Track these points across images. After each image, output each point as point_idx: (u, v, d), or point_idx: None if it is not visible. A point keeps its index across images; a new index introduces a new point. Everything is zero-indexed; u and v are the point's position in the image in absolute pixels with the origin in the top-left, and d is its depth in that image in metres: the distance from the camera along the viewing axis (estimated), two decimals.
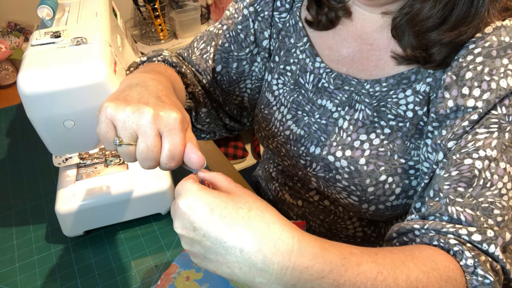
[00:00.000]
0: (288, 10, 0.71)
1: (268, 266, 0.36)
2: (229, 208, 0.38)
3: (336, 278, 0.38)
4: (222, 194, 0.39)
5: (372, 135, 0.62)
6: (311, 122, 0.68)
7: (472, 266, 0.45)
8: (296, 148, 0.69)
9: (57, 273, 0.71)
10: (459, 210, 0.49)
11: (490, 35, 0.53)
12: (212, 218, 0.37)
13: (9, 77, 1.32)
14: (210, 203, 0.38)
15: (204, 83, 0.76)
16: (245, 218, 0.38)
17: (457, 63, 0.54)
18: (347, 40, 0.65)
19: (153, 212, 0.79)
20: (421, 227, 0.50)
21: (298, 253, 0.37)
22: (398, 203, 0.63)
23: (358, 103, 0.63)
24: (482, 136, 0.51)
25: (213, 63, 0.75)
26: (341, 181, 0.65)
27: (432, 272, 0.44)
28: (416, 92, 0.59)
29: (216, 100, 0.79)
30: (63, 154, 0.76)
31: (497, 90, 0.51)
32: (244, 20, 0.73)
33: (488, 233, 0.47)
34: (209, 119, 0.78)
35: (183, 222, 0.39)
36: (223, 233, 0.37)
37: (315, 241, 0.39)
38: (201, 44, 0.77)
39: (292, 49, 0.71)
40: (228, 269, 0.38)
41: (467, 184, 0.50)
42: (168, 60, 0.70)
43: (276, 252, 0.37)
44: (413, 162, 0.60)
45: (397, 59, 0.59)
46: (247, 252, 0.37)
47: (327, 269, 0.38)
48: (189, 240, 0.39)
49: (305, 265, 0.37)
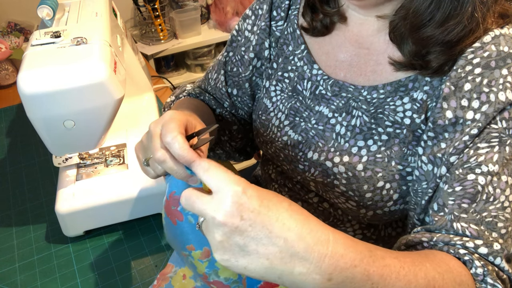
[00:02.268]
0: (284, 18, 0.72)
1: (309, 254, 0.38)
2: (274, 201, 0.40)
3: (366, 268, 0.40)
4: (263, 189, 0.41)
5: (370, 141, 0.62)
6: (308, 128, 0.68)
7: (482, 275, 0.47)
8: (294, 154, 0.70)
9: (57, 273, 0.71)
10: (464, 226, 0.51)
11: (489, 45, 0.53)
12: (261, 208, 0.39)
13: (9, 77, 1.32)
14: (260, 194, 0.40)
15: (225, 106, 0.82)
16: (288, 211, 0.40)
17: (455, 74, 0.54)
18: (344, 45, 0.65)
19: (153, 212, 0.79)
20: (429, 239, 0.52)
21: (334, 242, 0.39)
22: (395, 208, 0.63)
23: (355, 110, 0.63)
24: (484, 151, 0.52)
25: (228, 88, 0.80)
26: (339, 186, 0.65)
27: (447, 274, 0.46)
28: (414, 100, 0.59)
29: (243, 117, 0.84)
30: (63, 154, 0.76)
31: (496, 104, 0.51)
32: (246, 42, 0.75)
33: (494, 246, 0.49)
34: (241, 134, 0.85)
35: (231, 210, 0.38)
36: (270, 223, 0.38)
37: (345, 235, 0.41)
38: (214, 74, 0.82)
39: (290, 56, 0.71)
40: (267, 261, 0.38)
41: (471, 200, 0.52)
42: (192, 93, 0.80)
43: (317, 241, 0.39)
44: (410, 168, 0.60)
45: (394, 65, 0.59)
46: (291, 241, 0.38)
47: (359, 258, 0.40)
48: (231, 230, 0.38)
49: (341, 253, 0.39)
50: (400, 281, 0.42)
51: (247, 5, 1.93)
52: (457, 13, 0.51)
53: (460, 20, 0.52)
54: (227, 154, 0.86)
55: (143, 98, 1.03)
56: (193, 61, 2.10)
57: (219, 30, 2.05)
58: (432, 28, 0.53)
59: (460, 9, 0.51)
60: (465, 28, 0.52)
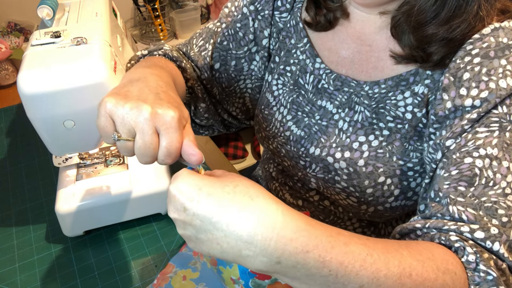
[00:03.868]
0: (289, 10, 0.71)
1: (252, 238, 0.37)
2: (216, 187, 0.39)
3: (321, 254, 0.38)
4: (210, 177, 0.41)
5: (371, 136, 0.62)
6: (311, 123, 0.68)
7: (474, 262, 0.44)
8: (296, 149, 0.70)
9: (57, 273, 0.71)
10: (461, 210, 0.48)
11: (488, 36, 0.53)
12: (199, 196, 0.39)
13: (9, 77, 1.32)
14: (198, 183, 0.39)
15: (202, 78, 0.76)
16: (230, 194, 0.39)
17: (454, 64, 0.54)
18: (346, 41, 0.65)
19: (153, 212, 0.79)
20: (423, 226, 0.50)
21: (282, 225, 0.37)
22: (397, 204, 0.63)
23: (357, 105, 0.63)
24: (483, 135, 0.51)
25: (212, 60, 0.75)
26: (340, 182, 0.65)
27: (428, 262, 0.43)
28: (415, 94, 0.59)
29: (214, 96, 0.79)
30: (63, 154, 0.76)
31: (497, 90, 0.51)
32: (243, 18, 0.73)
33: (491, 231, 0.46)
34: (208, 114, 0.78)
35: (175, 205, 0.40)
36: (210, 209, 0.38)
37: (301, 216, 0.39)
38: (200, 41, 0.77)
39: (293, 49, 0.71)
40: (218, 246, 0.38)
41: (468, 183, 0.49)
42: (169, 54, 0.70)
43: (260, 223, 0.37)
44: (411, 164, 0.60)
45: (395, 58, 0.59)
46: (232, 224, 0.37)
47: (312, 244, 0.38)
48: (182, 222, 0.40)
49: (289, 237, 0.37)
50: (365, 269, 0.39)
51: None
52: (462, 12, 0.51)
53: (465, 18, 0.52)
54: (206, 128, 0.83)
55: None
56: None
57: None
58: (436, 26, 0.53)
59: (465, 7, 0.51)
60: (469, 26, 0.52)
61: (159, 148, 0.45)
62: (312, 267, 0.38)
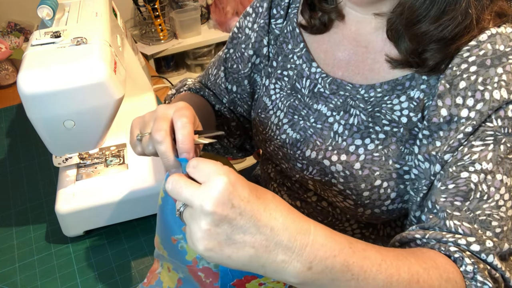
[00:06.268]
0: (284, 17, 0.72)
1: (292, 243, 0.39)
2: (260, 192, 0.41)
3: (346, 258, 0.41)
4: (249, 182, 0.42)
5: (367, 140, 0.62)
6: (306, 126, 0.68)
7: (472, 272, 0.47)
8: (292, 152, 0.70)
9: (57, 273, 0.71)
10: (457, 224, 0.50)
11: (485, 43, 0.53)
12: (250, 197, 0.40)
13: (9, 77, 1.32)
14: (249, 184, 0.41)
15: (224, 102, 0.83)
16: (274, 202, 0.41)
17: (451, 72, 0.54)
18: (342, 43, 0.65)
19: (153, 212, 0.79)
20: (422, 236, 0.52)
21: (315, 232, 0.41)
22: (393, 207, 0.63)
23: (353, 108, 0.63)
24: (478, 149, 0.52)
25: (228, 84, 0.80)
26: (336, 185, 0.65)
27: (433, 270, 0.45)
28: (411, 98, 0.59)
29: (242, 114, 0.84)
30: (63, 154, 0.76)
31: (490, 102, 0.51)
32: (246, 39, 0.76)
33: (487, 244, 0.49)
34: (239, 131, 0.85)
35: (222, 199, 0.38)
36: (259, 212, 0.39)
37: (325, 227, 0.43)
38: (214, 70, 0.83)
39: (290, 54, 0.71)
40: (252, 250, 0.39)
41: (464, 198, 0.51)
42: (192, 88, 0.82)
43: (300, 230, 0.40)
44: (407, 167, 0.60)
45: (391, 63, 0.59)
46: (276, 230, 0.39)
47: (338, 248, 0.41)
48: (220, 218, 0.38)
49: (321, 242, 0.40)
50: (381, 273, 0.42)
51: (246, 5, 1.93)
52: (451, 9, 0.52)
53: (455, 16, 0.52)
54: (225, 149, 0.86)
55: (143, 98, 1.03)
56: (193, 61, 2.10)
57: (219, 30, 2.05)
58: (427, 24, 0.53)
59: (454, 4, 0.51)
60: (459, 24, 0.52)
61: None
62: (338, 271, 0.41)
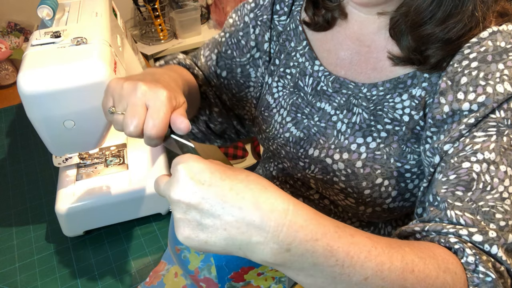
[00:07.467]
0: (287, 14, 0.72)
1: (265, 223, 0.37)
2: (228, 173, 0.39)
3: (329, 243, 0.38)
4: (222, 164, 0.41)
5: (369, 138, 0.62)
6: (310, 125, 0.68)
7: (473, 264, 0.44)
8: (295, 150, 0.70)
9: (57, 273, 0.71)
10: (459, 214, 0.48)
11: (486, 40, 0.53)
12: (211, 180, 0.38)
13: (9, 77, 1.32)
14: (210, 167, 0.39)
15: (212, 85, 0.80)
16: (244, 181, 0.39)
17: (452, 69, 0.54)
18: (345, 42, 0.66)
19: (153, 212, 0.79)
20: (422, 229, 0.50)
21: (293, 212, 0.38)
22: (394, 205, 0.63)
23: (355, 107, 0.63)
24: (480, 140, 0.51)
25: (218, 69, 0.78)
26: (338, 183, 0.65)
27: (430, 260, 0.43)
28: (412, 96, 0.59)
29: (225, 102, 0.82)
30: (63, 154, 0.76)
31: (494, 95, 0.51)
32: (245, 27, 0.75)
33: (490, 234, 0.46)
34: (221, 118, 0.81)
35: (183, 185, 0.38)
36: (222, 193, 0.38)
37: (309, 207, 0.40)
38: (206, 51, 0.80)
39: (292, 52, 0.71)
40: (225, 232, 0.38)
41: (466, 188, 0.50)
42: (183, 62, 0.77)
43: (273, 209, 0.37)
44: (409, 165, 0.60)
45: (393, 59, 0.59)
46: (245, 209, 0.37)
47: (321, 231, 0.38)
48: (186, 205, 0.38)
49: (300, 224, 0.38)
50: (370, 261, 0.39)
51: None
52: (457, 12, 0.52)
53: (461, 19, 0.52)
54: (203, 134, 0.84)
55: None
56: None
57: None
58: (433, 26, 0.53)
59: (461, 7, 0.51)
60: (465, 26, 0.52)
61: (145, 120, 0.47)
62: (320, 256, 0.38)
